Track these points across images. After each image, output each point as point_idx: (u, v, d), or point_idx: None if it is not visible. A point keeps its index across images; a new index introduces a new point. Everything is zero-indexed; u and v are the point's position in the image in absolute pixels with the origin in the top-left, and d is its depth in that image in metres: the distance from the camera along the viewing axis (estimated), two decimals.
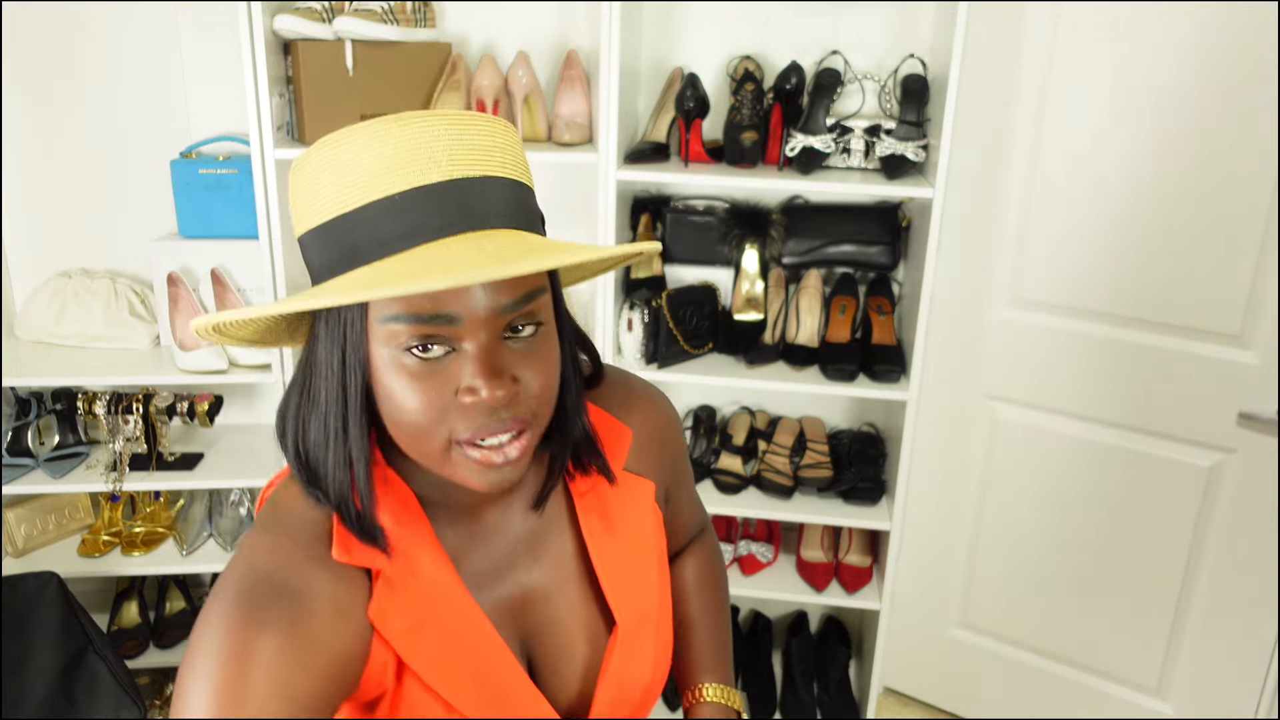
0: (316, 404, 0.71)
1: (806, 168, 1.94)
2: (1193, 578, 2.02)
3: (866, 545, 2.28)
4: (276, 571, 0.70)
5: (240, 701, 0.64)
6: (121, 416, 2.07)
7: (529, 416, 0.70)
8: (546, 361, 0.70)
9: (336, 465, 0.71)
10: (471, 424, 0.68)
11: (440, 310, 0.65)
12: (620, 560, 0.85)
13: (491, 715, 0.77)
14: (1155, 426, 1.99)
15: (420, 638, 0.74)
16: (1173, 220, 1.87)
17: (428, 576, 0.75)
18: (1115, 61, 1.86)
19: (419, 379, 0.67)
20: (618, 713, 0.84)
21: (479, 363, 0.66)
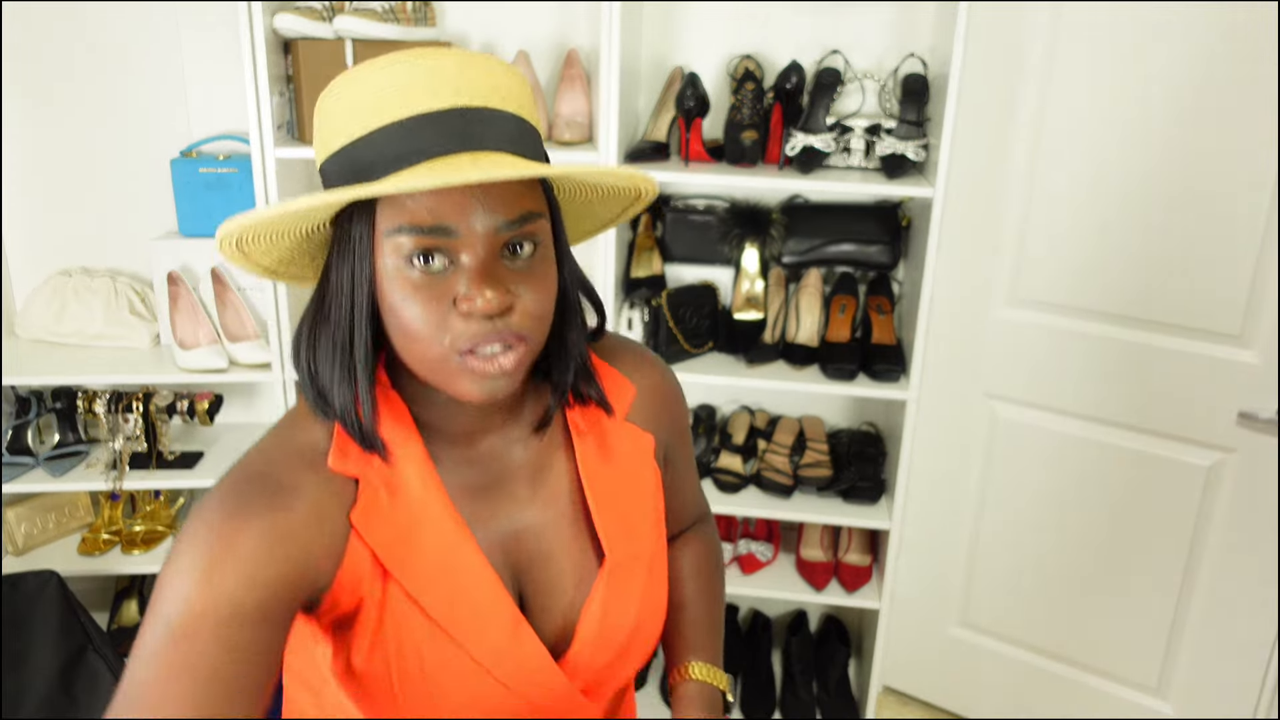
0: (327, 321, 0.76)
1: (806, 167, 1.94)
2: (1193, 578, 2.02)
3: (866, 544, 2.28)
4: (269, 471, 0.76)
5: (210, 588, 0.69)
6: (121, 415, 2.07)
7: (523, 331, 0.73)
8: (542, 282, 0.74)
9: (342, 378, 0.76)
10: (468, 332, 0.71)
11: (439, 222, 0.69)
12: (614, 499, 0.87)
13: (474, 636, 0.79)
14: (1155, 426, 1.99)
15: (405, 549, 0.78)
16: (1172, 220, 1.87)
17: (416, 493, 0.79)
18: (1115, 61, 1.85)
19: (421, 289, 0.71)
20: (600, 651, 0.86)
21: (475, 273, 0.70)
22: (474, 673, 0.79)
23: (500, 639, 0.80)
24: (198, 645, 0.68)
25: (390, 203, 0.71)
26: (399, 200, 0.70)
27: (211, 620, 0.68)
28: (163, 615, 0.69)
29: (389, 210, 0.71)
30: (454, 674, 0.79)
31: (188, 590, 0.69)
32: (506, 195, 0.71)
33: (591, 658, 0.85)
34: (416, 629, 0.78)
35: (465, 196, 0.70)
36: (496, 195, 0.71)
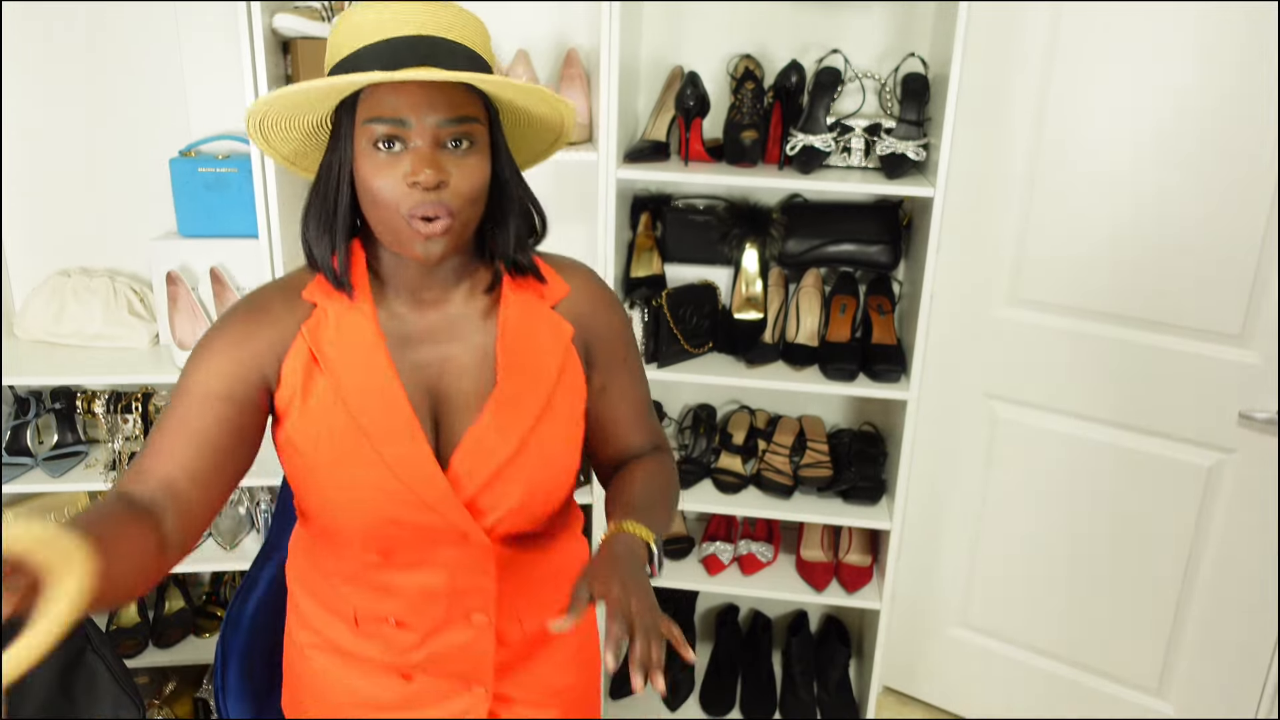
0: (318, 194, 1.01)
1: (806, 167, 1.94)
2: (1193, 578, 2.02)
3: (866, 545, 2.28)
4: (254, 298, 1.05)
5: (197, 372, 1.00)
6: (120, 415, 2.07)
7: (453, 205, 0.95)
8: (473, 171, 0.96)
9: (323, 235, 1.01)
10: (412, 198, 0.94)
11: (397, 115, 0.93)
12: (521, 354, 1.07)
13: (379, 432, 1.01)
14: (1155, 426, 1.98)
15: (337, 354, 1.03)
16: (1173, 220, 1.87)
17: (357, 321, 1.04)
18: (1115, 61, 1.85)
19: (382, 166, 0.95)
20: (478, 464, 1.04)
21: (420, 155, 0.94)
22: (376, 463, 1.01)
23: (398, 438, 1.02)
24: (191, 408, 0.99)
25: (366, 101, 0.95)
26: (372, 99, 0.94)
27: (198, 393, 0.99)
28: (175, 389, 1.01)
29: (365, 107, 0.95)
30: (360, 462, 1.02)
31: (186, 371, 1.01)
32: (450, 100, 0.94)
33: (471, 469, 1.03)
34: (336, 417, 1.02)
35: (418, 97, 0.93)
36: (442, 99, 0.94)
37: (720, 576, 2.25)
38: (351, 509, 1.04)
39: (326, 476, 1.03)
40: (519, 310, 1.08)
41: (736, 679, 2.41)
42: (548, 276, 1.11)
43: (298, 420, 1.03)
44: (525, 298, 1.09)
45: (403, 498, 1.02)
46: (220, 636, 1.62)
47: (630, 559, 0.99)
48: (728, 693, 2.36)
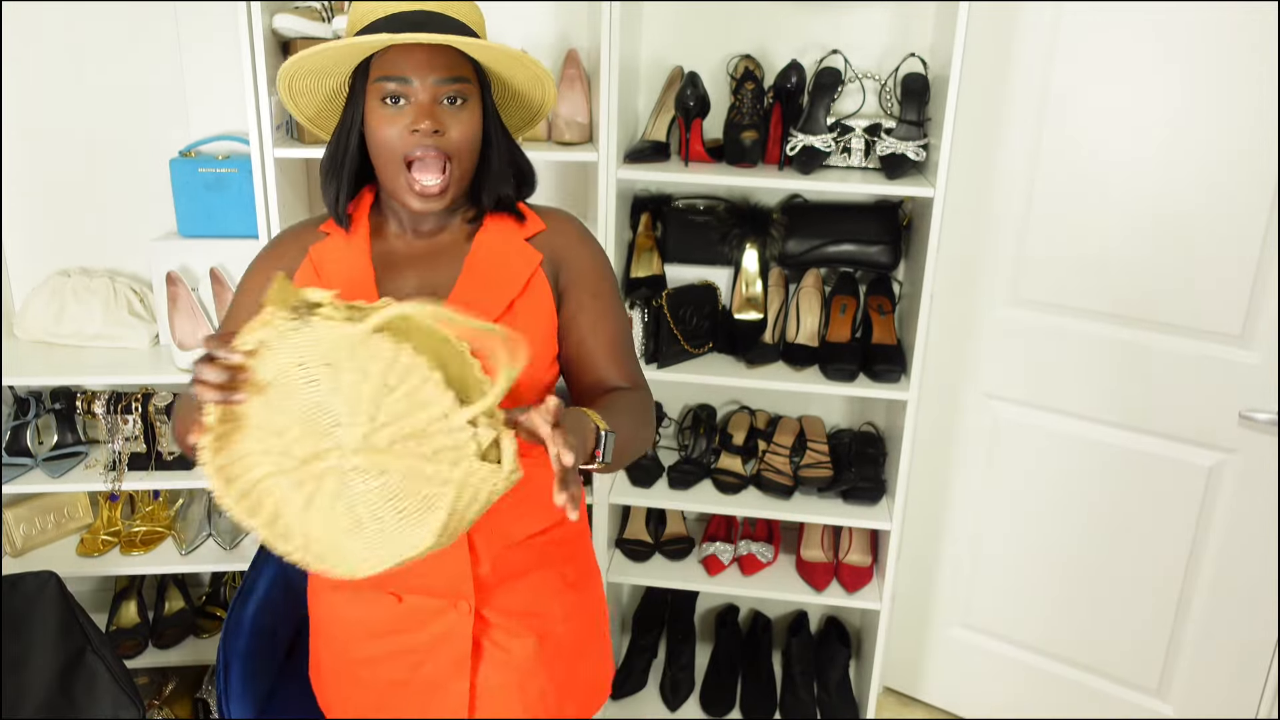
0: (334, 146, 1.21)
1: (807, 167, 1.94)
2: (1193, 578, 2.02)
3: (866, 545, 2.28)
4: (284, 232, 1.30)
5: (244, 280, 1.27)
6: (120, 416, 2.07)
7: (449, 150, 1.14)
8: (466, 123, 1.15)
9: (332, 181, 1.21)
10: (412, 144, 1.12)
11: (401, 74, 1.12)
12: (485, 271, 1.21)
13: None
14: (1156, 426, 1.98)
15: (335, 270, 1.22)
16: (1173, 220, 1.87)
17: (354, 245, 1.24)
18: (1115, 61, 1.85)
19: (389, 118, 1.13)
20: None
21: (421, 108, 1.12)
22: None
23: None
24: (243, 301, 1.25)
25: (376, 63, 1.13)
26: (381, 61, 1.13)
27: (245, 296, 1.25)
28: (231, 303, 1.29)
29: (375, 67, 1.13)
30: None
31: (238, 288, 1.29)
32: (446, 62, 1.13)
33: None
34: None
35: (419, 59, 1.11)
36: (440, 61, 1.12)
37: (720, 577, 2.25)
38: None
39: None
40: (494, 236, 1.24)
41: (736, 679, 2.41)
42: (528, 216, 1.27)
43: None
44: (502, 228, 1.25)
45: None
46: (221, 640, 1.62)
47: (577, 422, 1.02)
48: (728, 693, 2.36)
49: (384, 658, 1.28)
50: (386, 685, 1.30)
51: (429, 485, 0.96)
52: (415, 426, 0.96)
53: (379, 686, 1.30)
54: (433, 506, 0.96)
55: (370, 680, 1.31)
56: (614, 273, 1.32)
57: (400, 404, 0.96)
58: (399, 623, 1.26)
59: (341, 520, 1.01)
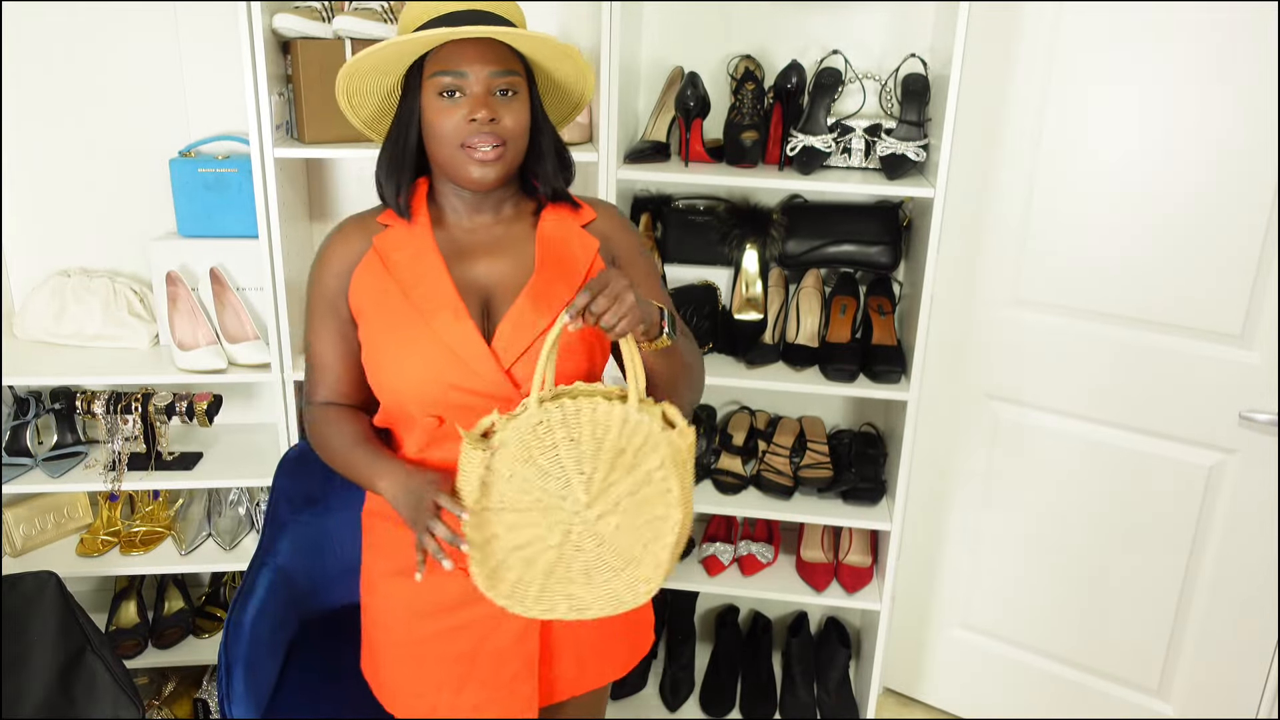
0: (392, 140, 1.28)
1: (807, 167, 1.94)
2: (1193, 578, 2.02)
3: (866, 545, 2.28)
4: (343, 225, 1.34)
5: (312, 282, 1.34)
6: (120, 416, 2.07)
7: (504, 135, 1.21)
8: (518, 113, 1.23)
9: (392, 173, 1.28)
10: (470, 132, 1.20)
11: (457, 69, 1.19)
12: (555, 260, 1.28)
13: (430, 312, 1.24)
14: (1156, 426, 1.98)
15: (401, 257, 1.28)
16: (1173, 220, 1.87)
17: (418, 236, 1.29)
18: (1115, 61, 1.85)
19: (446, 109, 1.21)
20: (516, 334, 1.24)
21: (476, 99, 1.20)
22: (428, 335, 1.24)
23: (447, 317, 1.24)
24: (318, 314, 1.33)
25: (433, 59, 1.21)
26: (438, 57, 1.20)
27: (318, 300, 1.33)
28: (307, 306, 1.36)
29: (432, 63, 1.21)
30: (415, 334, 1.24)
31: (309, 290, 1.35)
32: (497, 56, 1.20)
33: (510, 342, 1.24)
34: (398, 303, 1.26)
35: (474, 54, 1.19)
36: (493, 55, 1.20)
37: (720, 577, 2.25)
38: (411, 374, 1.24)
39: (391, 350, 1.26)
40: (555, 225, 1.32)
41: (736, 679, 2.40)
42: (580, 205, 1.35)
43: (371, 314, 1.28)
44: (560, 217, 1.33)
45: (451, 363, 1.23)
46: (222, 644, 1.62)
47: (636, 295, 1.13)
48: (728, 693, 2.36)
49: (448, 633, 1.32)
50: (453, 660, 1.33)
51: (653, 480, 1.13)
52: (615, 449, 1.12)
53: (445, 662, 1.33)
54: (665, 494, 1.13)
55: (436, 657, 1.34)
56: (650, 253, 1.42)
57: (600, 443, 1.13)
58: (462, 597, 1.29)
59: (611, 563, 1.16)
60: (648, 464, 1.13)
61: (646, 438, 1.12)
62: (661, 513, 1.14)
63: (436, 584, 1.29)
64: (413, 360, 1.24)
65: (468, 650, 1.32)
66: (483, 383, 1.23)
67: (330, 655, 1.82)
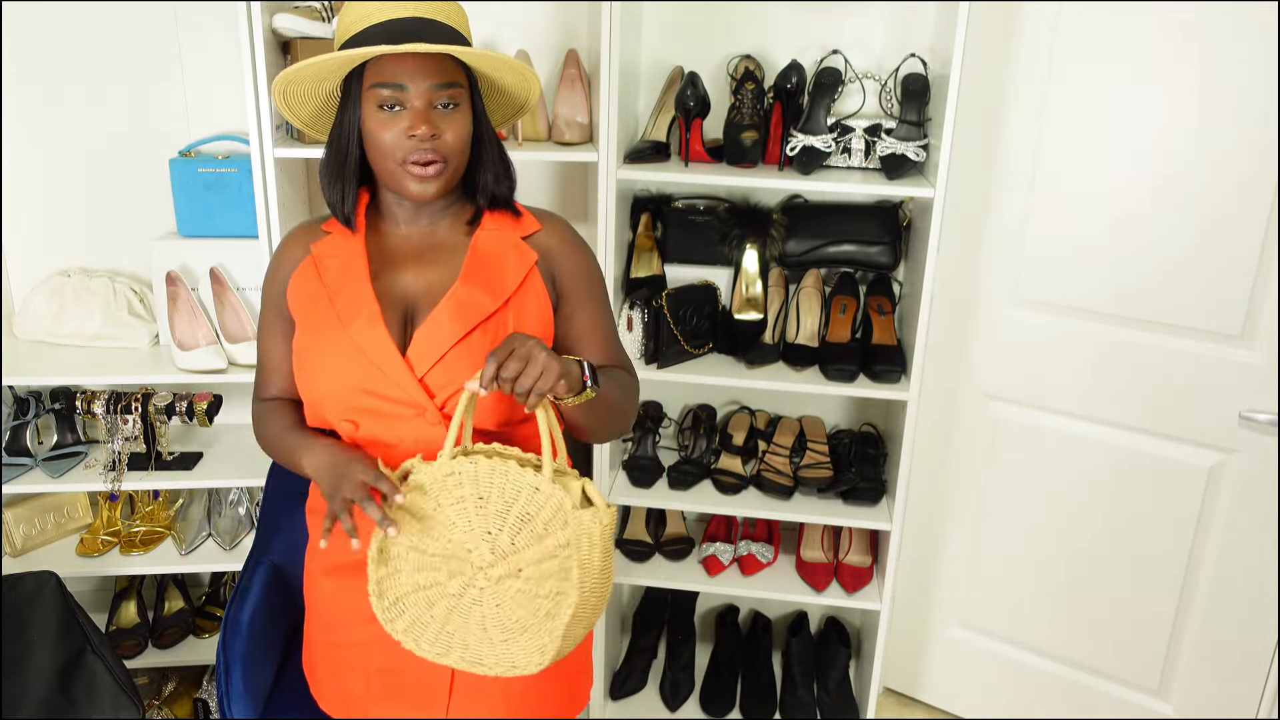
0: (333, 149, 1.25)
1: (807, 167, 1.94)
2: (1193, 578, 2.02)
3: (866, 545, 2.28)
4: (292, 232, 1.36)
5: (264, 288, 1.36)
6: (120, 416, 2.07)
7: (443, 152, 1.19)
8: (458, 125, 1.20)
9: (334, 183, 1.26)
10: (409, 146, 1.18)
11: (396, 81, 1.17)
12: (484, 269, 1.26)
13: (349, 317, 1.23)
14: (1155, 426, 1.98)
15: (333, 264, 1.28)
16: (1173, 220, 1.87)
17: (353, 244, 1.29)
18: (1115, 60, 1.85)
19: (387, 123, 1.18)
20: (430, 345, 1.22)
21: (416, 113, 1.17)
22: (344, 340, 1.23)
23: (363, 323, 1.23)
24: (266, 315, 1.35)
25: (371, 70, 1.18)
26: (376, 68, 1.17)
27: (266, 301, 1.35)
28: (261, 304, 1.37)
29: (370, 74, 1.18)
30: (333, 338, 1.24)
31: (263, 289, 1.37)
32: (438, 69, 1.18)
33: (424, 350, 1.22)
34: (322, 308, 1.26)
35: (413, 66, 1.16)
36: (433, 68, 1.17)
37: (720, 577, 2.25)
38: (327, 377, 1.25)
39: (311, 353, 1.26)
40: (491, 235, 1.29)
41: (736, 679, 2.40)
42: (523, 215, 1.32)
43: (300, 318, 1.28)
44: (500, 225, 1.30)
45: (365, 369, 1.23)
46: (220, 642, 1.62)
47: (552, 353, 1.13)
48: (728, 693, 2.36)
49: (374, 643, 1.29)
50: (376, 673, 1.33)
51: (557, 555, 1.12)
52: (523, 515, 1.13)
53: (368, 673, 1.33)
54: (566, 572, 1.12)
55: (360, 666, 1.34)
56: (601, 272, 1.38)
57: (509, 507, 1.13)
58: None
59: (508, 625, 1.16)
60: (555, 538, 1.11)
61: (556, 512, 1.11)
62: (561, 589, 1.12)
63: (365, 593, 1.27)
64: (329, 364, 1.24)
65: (393, 665, 1.30)
66: (395, 389, 1.22)
67: None
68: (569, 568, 1.11)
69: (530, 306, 1.27)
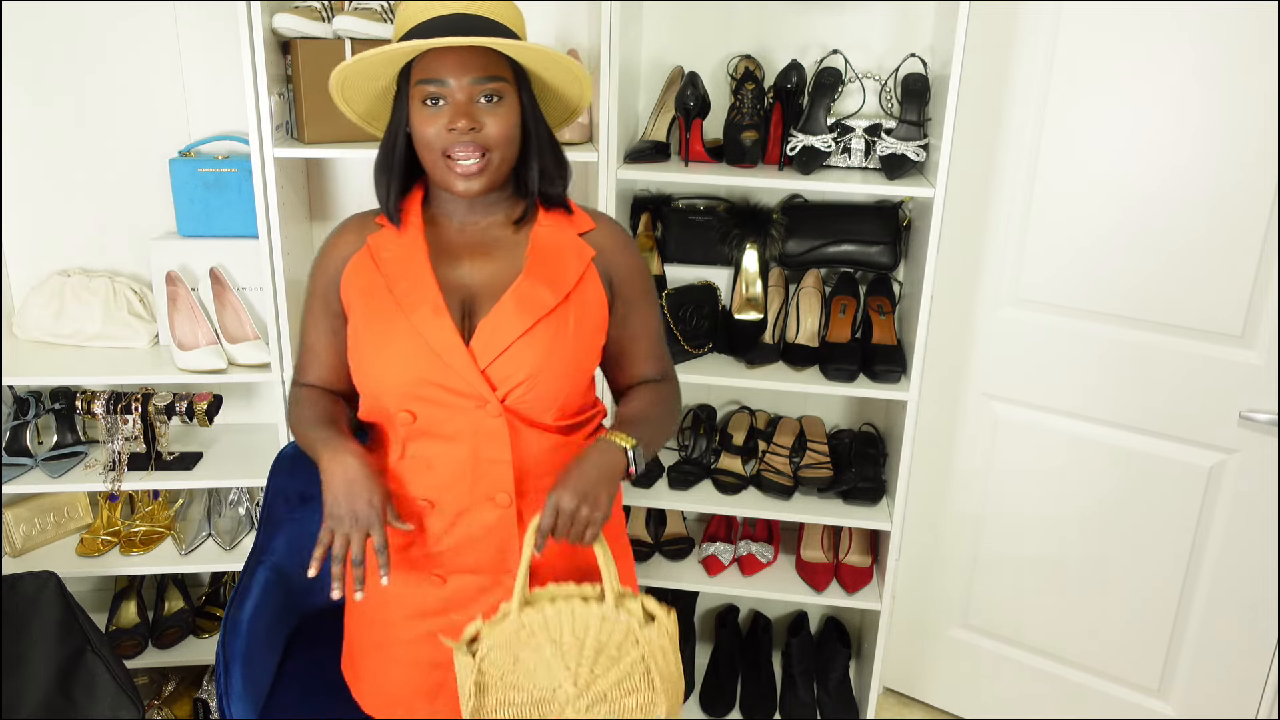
0: (384, 146, 1.28)
1: (807, 167, 1.94)
2: (1193, 578, 2.02)
3: (866, 545, 2.28)
4: (343, 224, 1.37)
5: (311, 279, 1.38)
6: (120, 416, 2.07)
7: (485, 145, 1.21)
8: (502, 119, 1.21)
9: (383, 177, 1.29)
10: (450, 141, 1.20)
11: (440, 77, 1.19)
12: (543, 266, 1.28)
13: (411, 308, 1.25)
14: (1156, 426, 1.98)
15: (390, 255, 1.29)
16: (1173, 220, 1.87)
17: (409, 238, 1.30)
18: (1115, 60, 1.85)
19: (430, 118, 1.20)
20: (493, 337, 1.24)
21: (457, 107, 1.20)
22: (408, 330, 1.24)
23: (426, 313, 1.24)
24: (312, 303, 1.37)
25: (417, 67, 1.21)
26: (421, 65, 1.20)
27: (313, 292, 1.36)
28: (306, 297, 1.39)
29: (416, 71, 1.21)
30: (396, 329, 1.25)
31: (309, 282, 1.38)
32: (479, 63, 1.19)
33: (487, 342, 1.24)
34: (383, 300, 1.27)
35: (454, 61, 1.18)
36: (474, 63, 1.19)
37: (720, 577, 2.25)
38: (389, 367, 1.25)
39: (372, 342, 1.27)
40: (548, 230, 1.31)
41: (736, 679, 2.40)
42: (575, 212, 1.34)
43: (357, 308, 1.29)
44: (555, 222, 1.32)
45: (427, 359, 1.23)
46: (220, 642, 1.62)
47: (599, 468, 1.22)
48: (728, 693, 2.36)
49: (426, 638, 1.32)
50: (427, 666, 1.34)
51: (635, 672, 1.19)
52: (596, 645, 1.19)
53: (419, 667, 1.34)
54: (650, 683, 1.20)
55: (410, 661, 1.35)
56: (651, 274, 1.41)
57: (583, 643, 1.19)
58: (444, 603, 1.32)
59: None
60: (629, 656, 1.19)
61: (626, 635, 1.19)
62: (648, 699, 1.22)
63: (419, 587, 1.32)
64: (391, 353, 1.25)
65: (443, 658, 1.30)
66: (458, 380, 1.23)
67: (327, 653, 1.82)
68: (650, 679, 1.20)
69: (589, 302, 1.30)
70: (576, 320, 1.27)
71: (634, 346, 1.38)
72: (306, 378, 1.39)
